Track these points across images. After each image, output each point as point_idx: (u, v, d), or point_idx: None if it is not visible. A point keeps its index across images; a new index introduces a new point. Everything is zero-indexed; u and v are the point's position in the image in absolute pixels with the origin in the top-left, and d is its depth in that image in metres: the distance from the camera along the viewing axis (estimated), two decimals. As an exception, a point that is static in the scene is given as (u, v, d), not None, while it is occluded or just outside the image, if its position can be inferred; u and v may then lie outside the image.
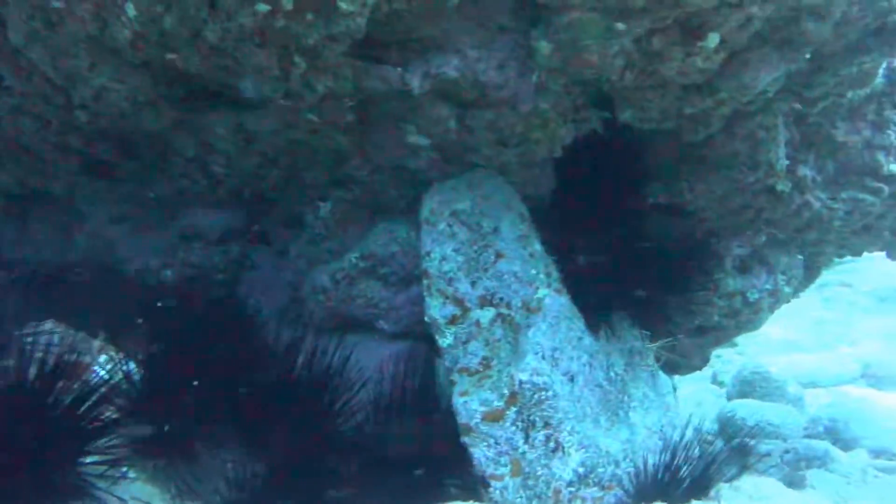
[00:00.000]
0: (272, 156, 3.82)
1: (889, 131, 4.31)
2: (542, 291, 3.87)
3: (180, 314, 3.72)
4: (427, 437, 3.66)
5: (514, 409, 3.52)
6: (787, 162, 3.96)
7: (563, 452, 3.57)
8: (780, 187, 4.00)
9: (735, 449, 5.98)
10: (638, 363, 4.39)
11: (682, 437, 3.87)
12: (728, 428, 7.31)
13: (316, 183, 4.10)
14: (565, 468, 3.54)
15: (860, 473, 5.66)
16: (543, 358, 3.69)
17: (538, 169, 3.99)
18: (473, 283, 3.80)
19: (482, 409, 3.47)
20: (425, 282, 3.75)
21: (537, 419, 3.56)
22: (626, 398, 4.12)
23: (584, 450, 3.64)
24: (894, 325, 9.93)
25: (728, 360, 9.18)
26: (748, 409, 7.29)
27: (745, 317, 4.85)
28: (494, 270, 3.88)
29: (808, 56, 3.37)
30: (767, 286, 4.83)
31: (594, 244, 4.28)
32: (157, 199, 4.21)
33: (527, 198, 4.11)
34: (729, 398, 8.26)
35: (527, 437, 3.52)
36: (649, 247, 4.50)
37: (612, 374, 4.10)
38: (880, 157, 4.37)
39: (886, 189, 4.46)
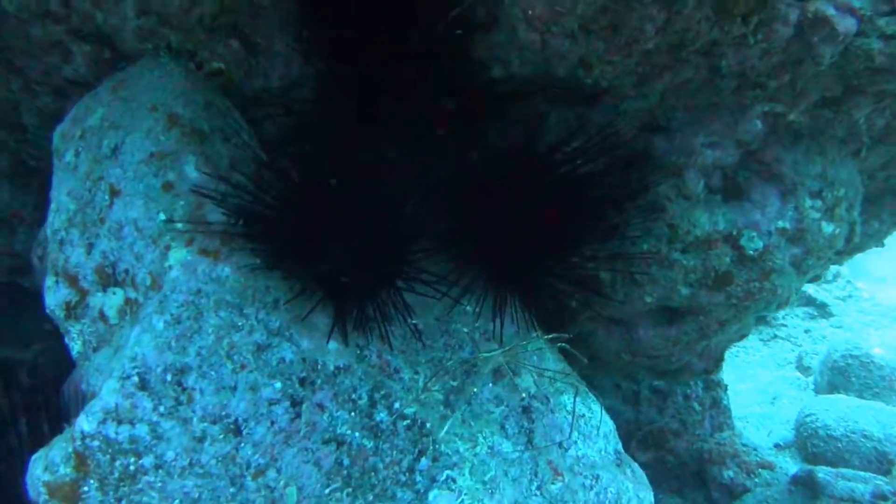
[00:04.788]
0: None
1: None
2: (174, 253, 1.62)
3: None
4: None
5: (92, 482, 1.63)
6: None
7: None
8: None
9: (799, 483, 3.50)
10: (481, 390, 1.98)
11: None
12: (807, 441, 4.61)
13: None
14: None
15: None
16: (144, 387, 1.52)
17: (241, 39, 2.11)
18: (90, 246, 1.96)
19: (46, 477, 1.66)
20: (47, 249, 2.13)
21: (134, 509, 1.53)
22: (429, 462, 1.76)
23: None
24: None
25: (820, 335, 6.29)
26: (837, 413, 4.60)
27: (743, 285, 2.36)
28: (111, 220, 1.78)
29: None
30: (782, 222, 2.30)
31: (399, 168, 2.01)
32: None
33: (263, 94, 2.24)
34: (817, 391, 5.52)
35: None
36: (509, 158, 2.12)
37: (384, 415, 1.75)
38: None
39: None
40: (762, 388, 5.83)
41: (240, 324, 1.67)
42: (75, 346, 1.95)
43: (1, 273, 3.40)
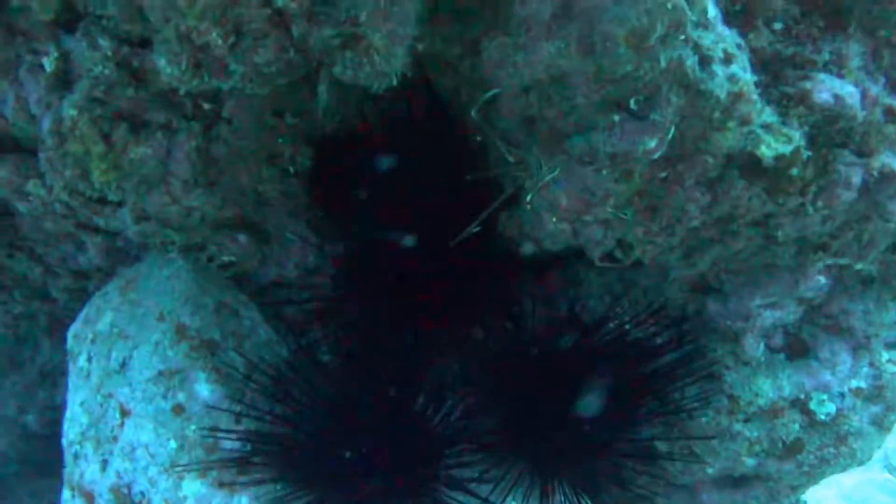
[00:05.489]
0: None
1: None
2: (188, 484, 1.48)
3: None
4: None
5: None
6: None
7: None
8: (764, 150, 1.34)
9: None
10: None
11: None
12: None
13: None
14: None
15: None
16: None
17: (249, 230, 2.00)
18: (104, 463, 1.86)
19: None
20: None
21: None
22: None
23: None
24: None
25: (902, 428, 5.81)
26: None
27: (816, 452, 2.12)
28: (123, 440, 1.68)
29: None
30: (856, 381, 2.06)
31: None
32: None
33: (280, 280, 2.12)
34: (913, 496, 5.02)
35: None
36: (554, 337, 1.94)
37: None
38: None
39: None
40: (847, 494, 5.34)
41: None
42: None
43: (44, 425, 3.31)
